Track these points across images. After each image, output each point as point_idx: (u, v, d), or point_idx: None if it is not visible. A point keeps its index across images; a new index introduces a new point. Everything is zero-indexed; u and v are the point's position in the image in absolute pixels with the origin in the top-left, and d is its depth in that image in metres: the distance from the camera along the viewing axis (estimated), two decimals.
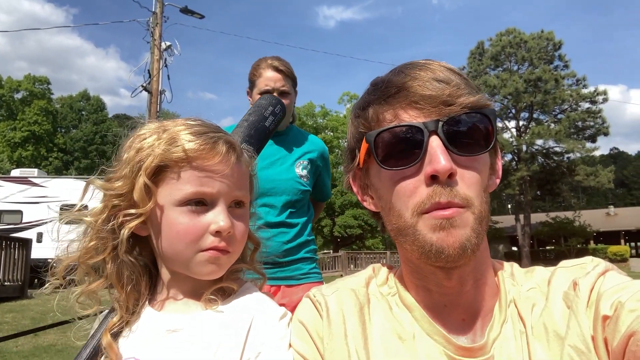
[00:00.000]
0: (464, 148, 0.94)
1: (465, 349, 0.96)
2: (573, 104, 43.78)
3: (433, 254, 0.94)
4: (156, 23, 19.40)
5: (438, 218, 0.92)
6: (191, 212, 1.07)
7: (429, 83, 0.95)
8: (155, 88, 18.76)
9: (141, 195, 1.06)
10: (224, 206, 1.09)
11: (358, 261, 33.62)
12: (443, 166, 0.90)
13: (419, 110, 0.95)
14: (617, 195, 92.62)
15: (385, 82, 1.00)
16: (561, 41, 44.68)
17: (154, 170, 1.06)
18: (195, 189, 1.06)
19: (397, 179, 0.97)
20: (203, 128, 1.11)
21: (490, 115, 0.97)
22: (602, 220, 56.01)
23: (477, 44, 47.50)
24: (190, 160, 1.05)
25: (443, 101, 0.94)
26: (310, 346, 1.05)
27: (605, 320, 0.85)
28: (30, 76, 62.95)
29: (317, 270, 2.99)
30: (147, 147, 1.08)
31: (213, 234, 1.07)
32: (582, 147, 42.72)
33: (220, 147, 1.08)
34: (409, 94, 0.96)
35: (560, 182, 45.53)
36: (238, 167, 1.12)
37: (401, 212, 0.97)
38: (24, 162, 56.12)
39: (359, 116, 1.06)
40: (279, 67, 2.91)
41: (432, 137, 0.93)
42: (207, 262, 1.09)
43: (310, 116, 51.80)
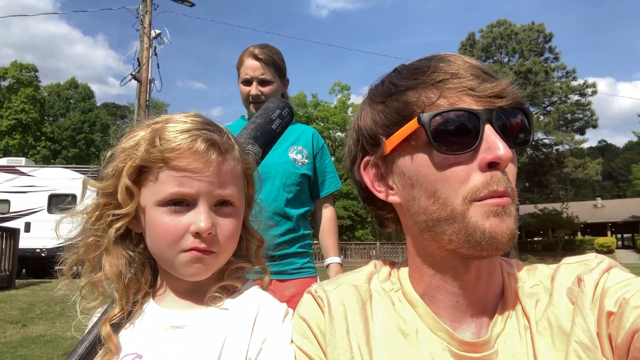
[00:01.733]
0: (510, 141, 0.95)
1: (469, 344, 0.96)
2: (562, 96, 44.08)
3: (486, 241, 0.91)
4: (146, 11, 19.19)
5: (494, 205, 0.91)
6: (172, 213, 1.06)
7: (480, 72, 0.96)
8: (144, 77, 18.59)
9: (123, 196, 1.07)
10: (205, 206, 1.07)
11: (348, 252, 33.78)
12: (506, 153, 0.90)
13: (472, 97, 0.94)
14: (604, 187, 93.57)
15: (432, 68, 0.97)
16: (551, 33, 44.90)
17: (136, 171, 1.07)
18: (173, 190, 1.05)
19: (447, 165, 0.94)
20: (188, 125, 1.08)
21: (529, 112, 0.99)
22: (589, 212, 56.67)
23: (468, 35, 47.60)
24: (168, 161, 1.04)
25: (496, 93, 0.94)
26: (313, 342, 1.04)
27: (609, 316, 0.85)
28: (17, 63, 62.02)
29: (311, 265, 2.97)
30: (130, 147, 1.08)
31: (193, 234, 1.06)
32: (571, 139, 43.13)
33: (199, 145, 1.04)
34: (462, 81, 0.94)
35: (548, 173, 45.92)
36: (222, 164, 1.08)
37: (448, 200, 0.93)
38: (11, 150, 55.48)
39: (385, 103, 1.02)
40: (258, 55, 2.88)
41: (487, 126, 0.92)
42: (189, 262, 1.08)
43: (302, 106, 51.65)
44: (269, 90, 2.90)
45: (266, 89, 2.89)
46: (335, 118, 50.72)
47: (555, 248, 44.37)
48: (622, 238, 61.79)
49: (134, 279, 1.16)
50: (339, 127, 50.29)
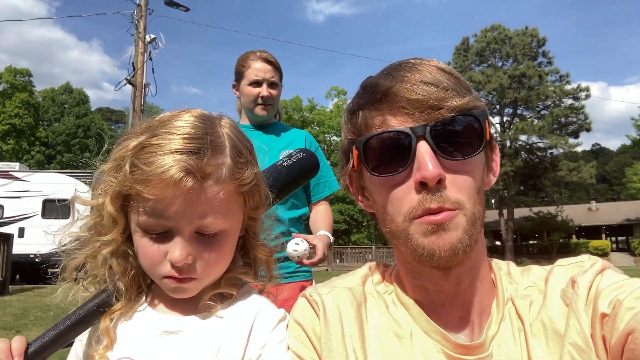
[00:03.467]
0: (453, 152, 0.94)
1: (463, 346, 0.96)
2: (556, 100, 44.27)
3: (425, 257, 0.94)
4: (141, 15, 19.17)
5: (429, 223, 0.93)
6: (151, 239, 1.04)
7: (417, 86, 0.94)
8: (139, 81, 18.56)
9: (108, 223, 1.06)
10: (181, 236, 1.02)
11: (344, 256, 33.72)
12: (431, 172, 0.90)
13: (407, 115, 0.94)
14: (598, 190, 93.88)
15: (373, 86, 0.99)
16: (545, 37, 45.13)
17: (120, 196, 1.04)
18: (145, 221, 1.01)
19: (388, 186, 0.97)
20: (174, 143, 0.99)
21: (480, 116, 0.96)
22: (584, 215, 56.81)
23: (462, 39, 47.74)
24: (140, 192, 0.98)
25: (431, 105, 0.93)
26: (308, 347, 1.05)
27: (603, 318, 0.85)
28: (11, 68, 61.78)
29: (305, 269, 2.97)
30: (114, 169, 1.03)
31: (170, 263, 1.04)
32: (565, 143, 43.28)
33: (172, 173, 0.95)
34: (396, 99, 0.95)
35: (543, 177, 46.09)
36: (200, 192, 1.00)
37: (393, 217, 0.97)
38: (5, 155, 55.17)
39: (349, 121, 1.06)
40: (269, 59, 2.94)
41: (420, 143, 0.92)
42: (169, 287, 1.07)
43: (297, 110, 51.67)
44: (277, 93, 2.98)
45: (275, 92, 2.96)
46: (331, 122, 50.78)
47: (551, 251, 44.41)
48: (617, 241, 61.93)
49: (138, 274, 1.14)
50: (335, 131, 50.32)
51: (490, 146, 1.04)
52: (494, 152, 1.07)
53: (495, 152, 1.07)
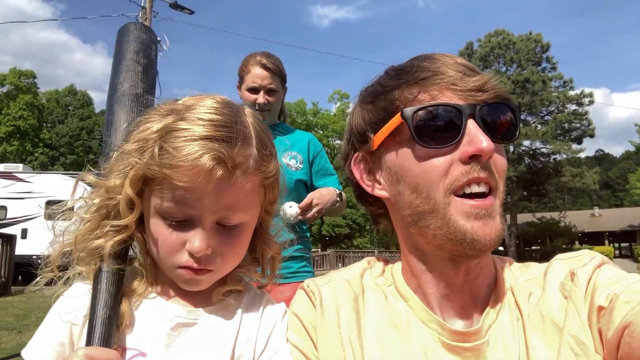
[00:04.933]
0: (495, 135, 0.96)
1: (459, 333, 0.97)
2: (560, 106, 44.22)
3: (467, 242, 0.93)
4: (145, 18, 19.25)
5: (475, 207, 0.93)
6: (171, 226, 1.00)
7: (463, 67, 0.98)
8: None
9: (124, 207, 1.00)
10: (204, 226, 1.00)
11: (346, 260, 33.70)
12: (488, 145, 0.91)
13: (454, 92, 0.97)
14: (601, 196, 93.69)
15: (415, 67, 1.01)
16: (549, 43, 45.12)
17: (141, 179, 0.99)
18: (170, 207, 0.98)
19: (428, 157, 0.96)
20: (203, 129, 0.96)
21: (515, 108, 0.99)
22: (587, 221, 56.71)
23: (466, 44, 47.82)
24: (168, 177, 0.94)
25: (478, 87, 0.96)
26: (305, 338, 1.06)
27: (600, 311, 0.86)
28: (15, 70, 62.03)
29: (307, 269, 2.97)
30: (137, 151, 0.98)
31: (188, 252, 1.01)
32: (568, 149, 43.17)
33: (204, 162, 0.93)
34: (444, 77, 0.97)
35: (546, 182, 45.97)
36: (228, 183, 0.97)
37: (430, 193, 0.96)
38: (9, 157, 55.38)
39: (373, 102, 1.06)
40: (267, 65, 2.91)
41: (470, 120, 0.94)
42: (184, 278, 1.04)
43: (301, 113, 51.74)
44: (275, 99, 2.96)
45: (272, 98, 2.94)
46: (334, 126, 50.83)
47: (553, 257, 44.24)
48: (620, 247, 61.81)
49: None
50: (338, 135, 50.35)
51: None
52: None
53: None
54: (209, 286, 1.09)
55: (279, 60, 3.01)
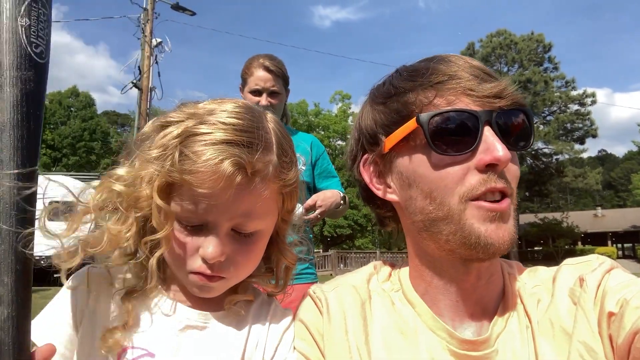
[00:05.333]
0: (510, 142, 0.95)
1: (468, 342, 0.95)
2: (562, 106, 44.13)
3: (481, 246, 0.92)
4: (147, 19, 19.27)
5: (491, 210, 0.92)
6: (186, 230, 0.98)
7: (480, 72, 0.96)
8: (145, 85, 18.63)
9: (157, 218, 0.95)
10: (219, 232, 0.98)
11: (348, 260, 33.66)
12: (505, 154, 0.90)
13: (470, 98, 0.94)
14: (604, 197, 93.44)
15: (431, 69, 0.98)
16: (551, 43, 45.04)
17: (168, 187, 0.96)
18: (187, 212, 0.96)
19: (444, 164, 0.94)
20: (225, 134, 0.94)
21: (530, 114, 0.99)
22: (589, 221, 56.56)
23: (467, 45, 47.75)
24: (192, 182, 0.92)
25: (496, 93, 0.94)
26: (312, 345, 1.05)
27: (610, 317, 0.85)
28: None
29: (310, 271, 2.97)
30: (159, 157, 0.95)
31: (201, 258, 0.99)
32: (571, 149, 43.09)
33: (224, 168, 0.91)
34: (461, 82, 0.95)
35: (548, 183, 45.86)
36: (246, 189, 0.96)
37: (444, 200, 0.94)
38: None
39: (386, 104, 1.03)
40: (270, 67, 2.92)
41: (487, 127, 0.93)
42: (195, 284, 1.02)
43: (303, 114, 51.71)
44: (278, 101, 2.97)
45: (275, 100, 2.96)
46: (335, 127, 50.78)
47: (556, 257, 44.19)
48: (623, 248, 61.60)
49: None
50: (340, 135, 50.34)
51: None
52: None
53: None
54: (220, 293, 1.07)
55: (282, 63, 3.02)
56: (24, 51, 0.83)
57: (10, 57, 0.82)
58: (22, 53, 0.83)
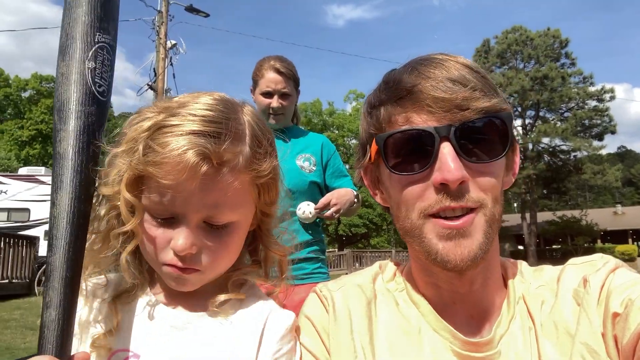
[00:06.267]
0: (477, 154, 0.92)
1: (471, 343, 0.95)
2: (580, 102, 43.54)
3: (438, 262, 0.93)
4: (162, 22, 19.43)
5: (446, 228, 0.91)
6: (157, 223, 0.98)
7: (443, 84, 0.91)
8: (160, 87, 18.79)
9: (125, 211, 0.96)
10: (188, 224, 0.97)
11: (363, 259, 33.59)
12: (453, 175, 0.88)
13: (431, 113, 0.92)
14: (624, 194, 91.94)
15: (397, 82, 0.97)
16: (568, 39, 44.45)
17: (137, 180, 0.96)
18: (154, 205, 0.96)
19: (405, 183, 0.95)
20: (193, 125, 0.94)
21: (506, 119, 0.93)
22: (609, 219, 55.66)
23: (482, 41, 47.29)
24: (155, 174, 0.92)
25: (457, 105, 0.90)
26: (317, 342, 1.05)
27: (615, 317, 0.84)
28: (37, 75, 63.13)
29: (322, 270, 2.98)
30: (127, 151, 0.96)
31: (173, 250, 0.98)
32: (589, 146, 42.50)
33: (188, 158, 0.90)
34: (421, 96, 0.92)
35: (566, 180, 45.33)
36: (214, 180, 0.95)
37: (408, 214, 0.96)
38: (32, 160, 56.32)
39: (370, 114, 1.04)
40: (280, 70, 2.97)
41: (444, 144, 0.90)
42: (170, 276, 1.01)
43: (317, 114, 51.74)
44: (289, 103, 3.02)
45: (286, 102, 3.00)
46: (350, 125, 50.73)
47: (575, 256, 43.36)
48: None
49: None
50: (354, 134, 50.26)
51: (512, 147, 1.02)
52: (515, 153, 1.05)
53: (515, 152, 1.05)
54: (208, 291, 1.06)
55: (292, 65, 3.07)
56: (88, 90, 0.97)
57: (76, 94, 0.96)
58: (87, 91, 0.97)
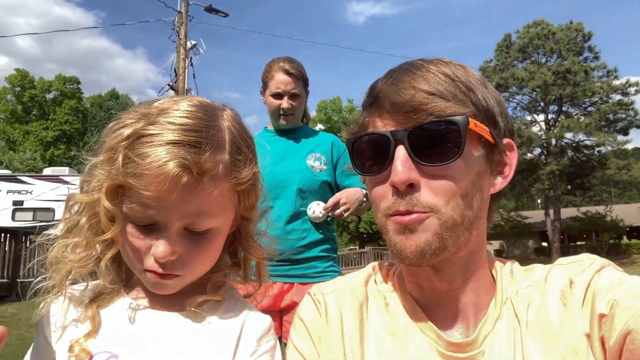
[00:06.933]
0: (430, 157, 0.94)
1: (454, 344, 0.97)
2: (604, 96, 42.66)
3: (396, 254, 0.98)
4: (181, 22, 19.62)
5: (398, 223, 0.96)
6: (138, 229, 0.98)
7: (404, 90, 0.95)
8: (181, 87, 18.98)
9: (104, 220, 0.97)
10: (169, 232, 0.97)
11: (384, 257, 33.55)
12: (399, 178, 0.92)
13: (391, 118, 0.97)
14: None
15: (372, 88, 1.03)
16: (591, 32, 43.63)
17: (118, 188, 0.96)
18: (135, 213, 0.96)
19: (372, 183, 1.02)
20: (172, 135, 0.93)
21: (460, 123, 0.93)
22: (635, 214, 54.52)
23: (504, 36, 46.70)
24: (136, 186, 0.92)
25: (411, 109, 0.94)
26: (309, 344, 1.07)
27: (601, 318, 0.85)
28: (60, 76, 64.40)
29: (334, 269, 3.01)
30: (107, 161, 0.96)
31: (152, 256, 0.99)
32: (614, 140, 41.61)
33: (169, 169, 0.90)
34: (383, 101, 0.97)
35: (591, 176, 44.52)
36: (194, 189, 0.95)
37: (376, 212, 1.02)
38: (56, 160, 57.50)
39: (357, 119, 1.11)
40: (290, 71, 3.01)
41: (399, 147, 0.94)
42: (151, 282, 1.02)
43: (337, 111, 51.76)
44: (298, 103, 3.06)
45: (296, 102, 3.05)
46: None
47: (600, 252, 42.75)
48: None
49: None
50: None
51: (498, 148, 1.01)
52: (508, 153, 1.04)
53: (508, 154, 1.04)
54: (187, 292, 1.07)
55: (301, 65, 3.11)
56: None
57: None
58: None
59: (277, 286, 2.85)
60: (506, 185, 1.05)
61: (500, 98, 1.04)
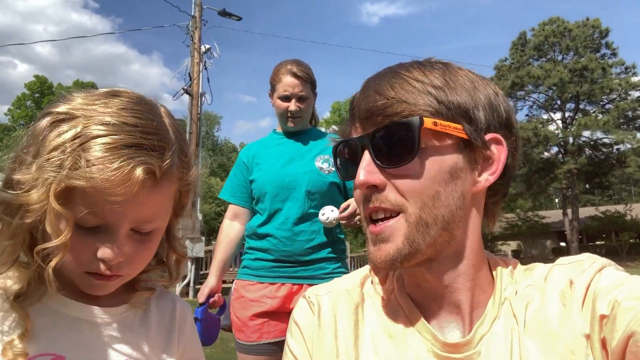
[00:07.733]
0: (390, 160, 0.95)
1: (450, 345, 0.96)
2: (622, 93, 41.96)
3: (370, 263, 1.01)
4: (195, 27, 19.77)
5: (371, 233, 0.98)
6: (83, 230, 0.92)
7: (370, 96, 0.97)
8: (195, 91, 19.12)
9: (54, 225, 0.88)
10: (117, 233, 0.93)
11: None
12: (358, 180, 0.96)
13: (360, 124, 1.00)
14: None
15: (352, 96, 1.06)
16: (608, 28, 43.00)
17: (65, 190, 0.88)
18: (86, 215, 0.89)
19: (353, 189, 1.04)
20: (120, 136, 0.88)
21: (413, 123, 0.93)
22: None
23: (519, 34, 46.25)
24: (99, 191, 0.87)
25: (373, 114, 0.96)
26: (302, 346, 1.08)
27: (602, 319, 0.84)
28: (78, 82, 65.19)
29: (342, 270, 3.01)
30: (54, 162, 0.87)
31: (100, 259, 0.94)
32: (633, 138, 40.90)
33: (137, 175, 0.87)
34: (355, 109, 1.01)
35: (609, 174, 43.84)
36: (152, 193, 0.93)
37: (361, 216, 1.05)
38: None
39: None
40: (297, 73, 3.01)
41: (365, 151, 0.97)
42: (90, 283, 0.98)
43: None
44: (306, 106, 3.07)
45: (304, 105, 3.05)
46: None
47: (620, 252, 42.20)
48: None
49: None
50: None
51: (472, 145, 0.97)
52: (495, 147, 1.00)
53: (495, 148, 1.00)
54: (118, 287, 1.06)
55: (309, 67, 3.12)
56: None
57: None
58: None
59: (286, 288, 2.86)
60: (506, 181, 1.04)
61: (490, 91, 1.01)
